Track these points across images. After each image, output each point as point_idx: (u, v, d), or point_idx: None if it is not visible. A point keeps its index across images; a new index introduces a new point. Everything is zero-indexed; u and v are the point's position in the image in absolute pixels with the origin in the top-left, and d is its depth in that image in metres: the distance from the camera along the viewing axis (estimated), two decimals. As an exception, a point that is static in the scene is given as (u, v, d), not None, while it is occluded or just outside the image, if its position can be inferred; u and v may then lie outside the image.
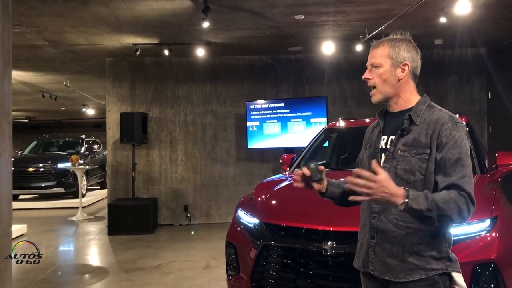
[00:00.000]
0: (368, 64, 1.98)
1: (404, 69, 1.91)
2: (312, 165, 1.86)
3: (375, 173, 1.67)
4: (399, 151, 1.87)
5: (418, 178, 1.82)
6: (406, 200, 1.68)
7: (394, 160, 1.88)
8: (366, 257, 1.94)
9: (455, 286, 1.86)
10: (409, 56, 1.92)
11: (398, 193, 1.68)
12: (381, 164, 1.92)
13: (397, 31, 1.97)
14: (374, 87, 1.95)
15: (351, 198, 1.74)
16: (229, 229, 3.72)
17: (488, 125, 8.33)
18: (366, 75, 1.97)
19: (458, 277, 1.86)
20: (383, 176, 1.66)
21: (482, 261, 2.67)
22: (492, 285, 2.65)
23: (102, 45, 7.31)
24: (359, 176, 1.67)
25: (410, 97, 1.95)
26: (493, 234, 2.78)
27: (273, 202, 3.65)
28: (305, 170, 1.92)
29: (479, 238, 2.76)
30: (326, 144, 5.18)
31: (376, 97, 1.96)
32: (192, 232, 7.68)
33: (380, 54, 1.93)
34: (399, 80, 1.91)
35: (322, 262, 2.82)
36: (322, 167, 1.90)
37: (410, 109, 1.92)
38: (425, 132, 1.84)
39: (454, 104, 8.15)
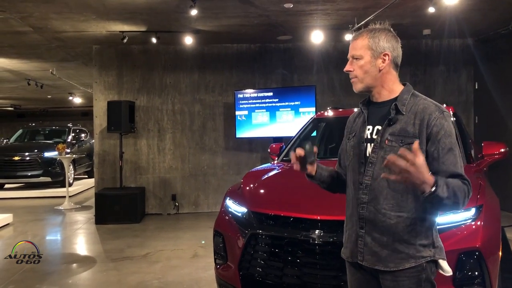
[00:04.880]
0: (349, 56, 1.98)
1: (384, 59, 1.90)
2: (307, 146, 1.87)
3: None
4: (386, 141, 1.87)
5: None
6: (434, 188, 1.62)
7: (381, 150, 1.88)
8: (355, 247, 1.94)
9: (440, 271, 1.90)
10: (389, 45, 1.91)
11: (429, 181, 1.62)
12: (369, 154, 1.93)
13: (376, 22, 1.97)
14: (356, 77, 1.96)
15: (383, 175, 1.70)
16: (217, 218, 3.71)
17: (474, 115, 8.41)
18: (347, 67, 1.97)
19: (444, 263, 1.89)
20: (421, 161, 1.59)
21: (467, 249, 2.71)
22: (476, 273, 2.69)
23: (88, 32, 7.20)
24: (402, 157, 1.60)
25: (393, 87, 1.95)
26: (478, 223, 2.82)
27: (261, 191, 3.65)
28: (300, 151, 1.94)
29: (464, 227, 2.80)
30: (314, 133, 5.20)
31: (357, 85, 1.97)
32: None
33: (360, 46, 1.92)
34: (380, 70, 1.91)
35: (310, 251, 2.84)
36: (315, 148, 1.92)
37: (394, 99, 1.92)
38: (412, 122, 1.85)
39: (441, 94, 8.20)
